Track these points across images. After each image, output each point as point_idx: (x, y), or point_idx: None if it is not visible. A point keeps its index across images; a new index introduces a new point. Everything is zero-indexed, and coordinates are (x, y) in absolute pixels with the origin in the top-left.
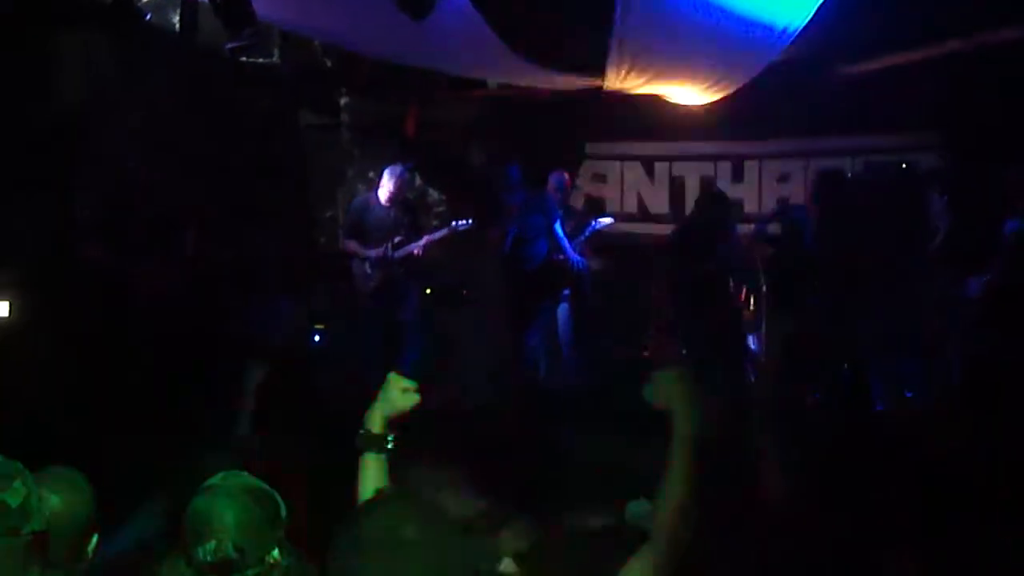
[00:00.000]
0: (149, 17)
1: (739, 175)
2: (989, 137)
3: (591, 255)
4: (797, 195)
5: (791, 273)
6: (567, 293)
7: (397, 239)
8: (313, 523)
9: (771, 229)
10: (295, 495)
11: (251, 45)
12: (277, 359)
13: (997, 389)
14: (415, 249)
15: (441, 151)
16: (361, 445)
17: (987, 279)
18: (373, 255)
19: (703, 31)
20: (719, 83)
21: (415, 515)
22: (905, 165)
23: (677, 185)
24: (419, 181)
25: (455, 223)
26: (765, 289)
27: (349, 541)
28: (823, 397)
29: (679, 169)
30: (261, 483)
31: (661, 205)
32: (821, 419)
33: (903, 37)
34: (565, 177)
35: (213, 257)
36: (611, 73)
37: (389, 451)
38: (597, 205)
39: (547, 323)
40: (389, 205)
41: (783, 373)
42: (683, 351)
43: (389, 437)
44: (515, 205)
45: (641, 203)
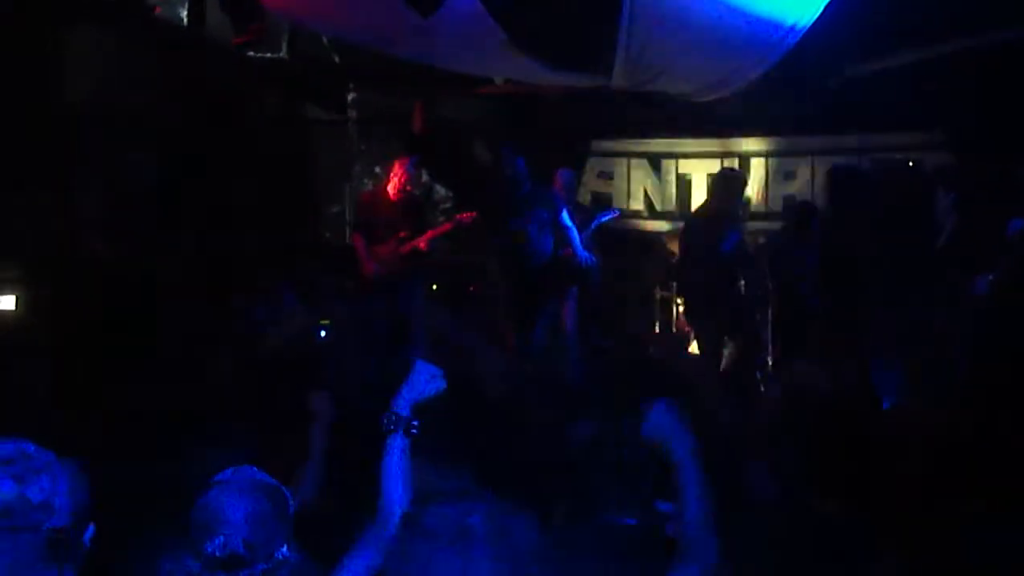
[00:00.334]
0: (158, 11)
1: (746, 172)
2: (996, 135)
3: (598, 251)
4: (803, 192)
5: (795, 268)
6: (575, 290)
7: (403, 234)
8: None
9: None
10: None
11: (259, 40)
12: (283, 355)
13: (1003, 387)
14: (421, 244)
15: (447, 147)
16: (388, 427)
17: (993, 277)
18: (379, 250)
19: (710, 28)
20: (726, 80)
21: (482, 507)
22: (912, 163)
23: (683, 182)
24: (425, 177)
25: (460, 216)
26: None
27: (416, 530)
28: (827, 394)
29: (686, 166)
30: (270, 478)
31: (668, 202)
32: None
33: (910, 34)
34: (573, 175)
35: (218, 252)
36: (618, 70)
37: (413, 435)
38: (603, 202)
39: (554, 319)
40: (396, 200)
41: (788, 370)
42: (691, 344)
43: (414, 422)
44: (520, 196)
45: (648, 200)
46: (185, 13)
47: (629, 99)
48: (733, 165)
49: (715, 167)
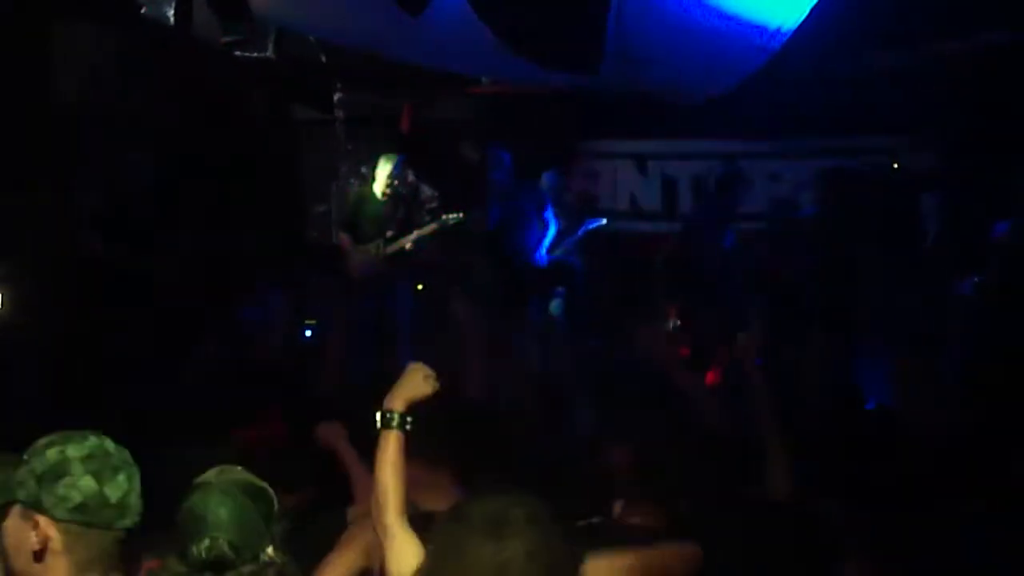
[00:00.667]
0: (145, 10)
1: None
2: (982, 138)
3: (584, 254)
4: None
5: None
6: (560, 291)
7: (389, 234)
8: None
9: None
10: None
11: (246, 39)
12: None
13: (989, 389)
14: (407, 244)
15: (434, 147)
16: (382, 423)
17: (979, 280)
18: (365, 250)
19: (697, 30)
20: (712, 82)
21: (522, 503)
22: (897, 165)
23: (670, 183)
24: (412, 177)
25: (446, 216)
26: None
27: (457, 523)
28: (812, 396)
29: (672, 167)
30: (255, 478)
31: (654, 203)
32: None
33: (896, 38)
34: (558, 176)
35: (206, 251)
36: (605, 71)
37: (407, 431)
38: (589, 202)
39: (539, 319)
40: (383, 199)
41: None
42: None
43: (408, 418)
44: (504, 189)
45: (634, 201)
46: (172, 12)
47: (616, 100)
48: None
49: (702, 168)
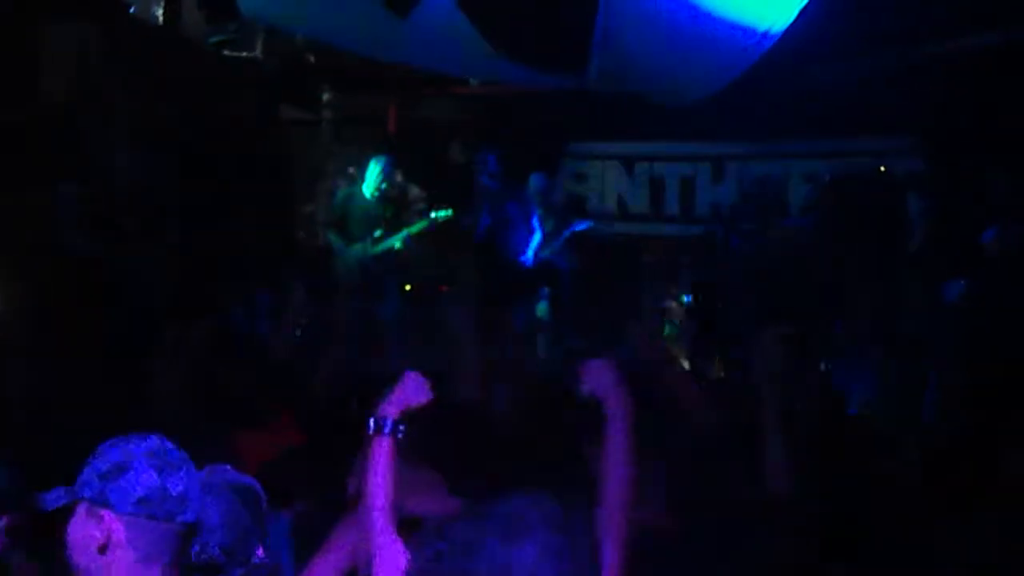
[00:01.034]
0: (133, 10)
1: (719, 176)
2: (968, 142)
3: (570, 255)
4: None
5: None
6: (546, 292)
7: (377, 233)
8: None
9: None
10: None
11: (234, 39)
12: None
13: (975, 393)
14: (395, 243)
15: (422, 147)
16: (375, 429)
17: (965, 284)
18: (353, 249)
19: (685, 32)
20: (700, 84)
21: (539, 502)
22: (884, 168)
23: (657, 185)
24: (399, 177)
25: (434, 213)
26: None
27: (473, 524)
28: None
29: (659, 169)
30: (244, 478)
31: (641, 205)
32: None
33: (884, 41)
34: (545, 178)
35: (193, 250)
36: (593, 73)
37: (399, 438)
38: (577, 204)
39: (525, 321)
40: (372, 199)
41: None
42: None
43: (401, 426)
44: (492, 192)
45: (621, 202)
46: (160, 12)
47: (604, 101)
48: (707, 168)
49: (689, 170)
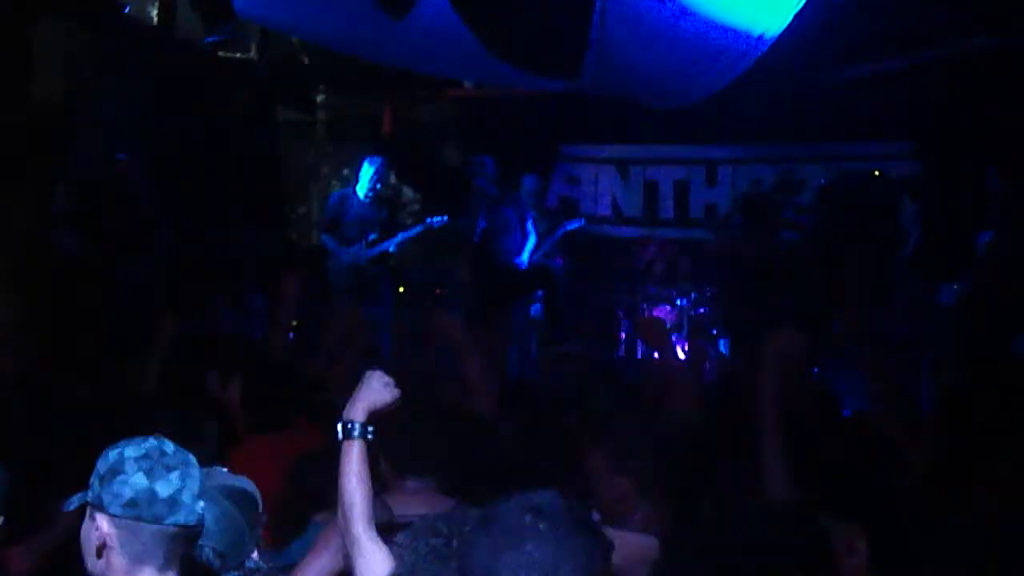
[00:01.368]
0: (127, 10)
1: (713, 179)
2: (962, 146)
3: (563, 256)
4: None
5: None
6: (540, 294)
7: (372, 236)
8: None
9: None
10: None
11: (229, 40)
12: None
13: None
14: (389, 246)
15: (416, 149)
16: (343, 433)
17: (959, 287)
18: (347, 251)
19: (679, 36)
20: (694, 88)
21: (550, 505)
22: (878, 172)
23: (650, 188)
24: (393, 179)
25: (430, 220)
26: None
27: (481, 526)
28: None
29: (653, 172)
30: (238, 480)
31: (635, 208)
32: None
33: (878, 45)
34: (538, 180)
35: (187, 252)
36: (587, 76)
37: (369, 440)
38: (571, 207)
39: (519, 323)
40: (366, 201)
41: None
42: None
43: (369, 427)
44: (489, 196)
45: (615, 205)
46: (155, 12)
47: (597, 104)
48: (700, 171)
49: (683, 174)
